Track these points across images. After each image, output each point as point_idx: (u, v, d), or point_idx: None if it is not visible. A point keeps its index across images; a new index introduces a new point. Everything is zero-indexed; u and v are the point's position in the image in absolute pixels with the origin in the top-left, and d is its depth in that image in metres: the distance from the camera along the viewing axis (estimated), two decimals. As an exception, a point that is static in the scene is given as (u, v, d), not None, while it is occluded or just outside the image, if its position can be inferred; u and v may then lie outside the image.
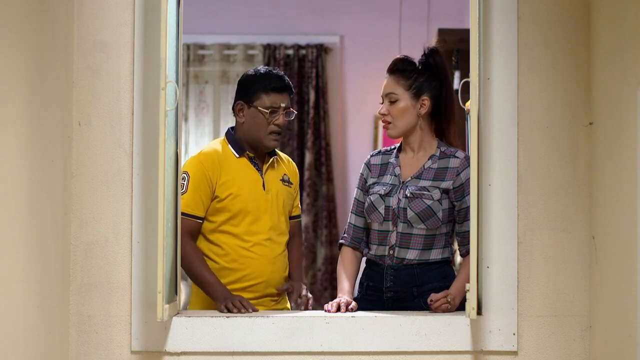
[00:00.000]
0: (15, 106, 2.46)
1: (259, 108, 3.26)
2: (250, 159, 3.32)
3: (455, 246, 3.26)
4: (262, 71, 3.33)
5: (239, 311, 3.01)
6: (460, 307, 2.98)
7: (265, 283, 3.28)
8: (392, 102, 3.15)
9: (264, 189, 3.30)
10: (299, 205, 3.51)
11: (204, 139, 6.49)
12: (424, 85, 3.16)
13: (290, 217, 3.44)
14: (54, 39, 2.77)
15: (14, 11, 2.44)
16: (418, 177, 3.16)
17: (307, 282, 6.18)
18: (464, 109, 3.64)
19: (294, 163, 3.52)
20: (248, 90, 3.30)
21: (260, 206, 3.28)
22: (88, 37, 2.92)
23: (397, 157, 3.22)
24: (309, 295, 3.30)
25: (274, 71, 3.34)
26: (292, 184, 3.41)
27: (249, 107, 3.29)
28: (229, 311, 3.01)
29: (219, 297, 3.12)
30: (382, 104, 3.18)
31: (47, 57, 2.71)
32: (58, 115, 2.81)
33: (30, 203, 2.56)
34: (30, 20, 2.56)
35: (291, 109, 3.33)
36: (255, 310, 3.05)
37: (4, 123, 2.38)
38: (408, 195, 3.12)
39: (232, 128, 3.39)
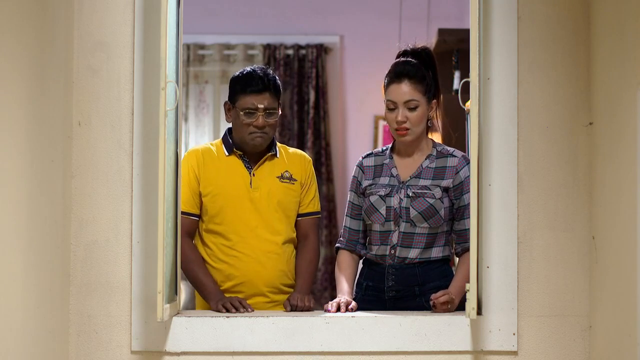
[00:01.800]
0: (15, 106, 2.46)
1: (238, 109, 3.26)
2: (241, 157, 3.31)
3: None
4: (245, 72, 3.29)
5: (237, 310, 3.00)
6: (460, 307, 2.98)
7: (250, 282, 3.24)
8: (412, 109, 3.12)
9: (251, 186, 3.28)
10: (313, 202, 3.40)
11: (204, 139, 6.49)
12: (431, 88, 3.16)
13: (303, 215, 3.37)
14: (54, 39, 2.77)
15: (14, 11, 2.44)
16: (417, 176, 3.16)
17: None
18: (464, 109, 3.64)
19: (305, 158, 3.41)
20: (231, 91, 3.31)
21: (244, 204, 3.26)
22: (88, 37, 2.93)
23: (391, 157, 3.22)
24: (307, 303, 3.14)
25: (258, 71, 3.28)
26: (295, 180, 3.34)
27: (233, 107, 3.29)
28: (227, 310, 3.01)
29: (211, 299, 3.12)
30: (390, 109, 3.13)
31: (47, 57, 2.71)
32: (58, 115, 2.82)
33: (30, 203, 2.56)
34: (30, 20, 2.56)
35: (275, 109, 3.26)
36: (252, 310, 3.05)
37: (4, 123, 2.38)
38: (410, 194, 3.12)
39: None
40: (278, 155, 3.36)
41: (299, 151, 3.44)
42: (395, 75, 3.15)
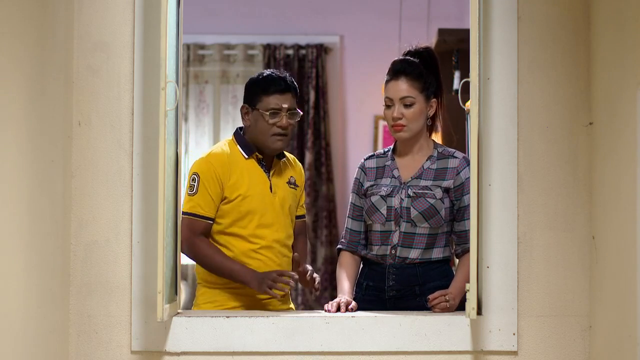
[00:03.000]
0: (15, 106, 2.46)
1: (261, 110, 3.26)
2: (259, 161, 3.30)
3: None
4: (265, 74, 3.32)
5: (282, 289, 3.09)
6: (460, 306, 2.98)
7: None
8: (407, 106, 3.13)
9: (271, 191, 3.29)
10: (304, 205, 3.51)
11: (204, 139, 6.49)
12: (431, 87, 3.17)
13: (296, 217, 3.44)
14: (54, 39, 2.77)
15: (14, 11, 2.44)
16: (419, 177, 3.16)
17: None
18: (464, 109, 3.64)
19: (300, 163, 3.51)
20: (251, 93, 3.30)
21: (268, 208, 3.27)
22: (88, 37, 2.92)
23: (392, 159, 3.22)
24: (315, 275, 3.28)
25: (277, 73, 3.31)
26: (297, 186, 3.39)
27: (253, 110, 3.28)
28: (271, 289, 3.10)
29: (251, 281, 3.14)
30: (388, 106, 3.15)
31: (47, 57, 2.71)
32: (58, 115, 2.82)
33: (30, 203, 2.56)
34: (31, 20, 2.57)
35: (297, 109, 3.30)
36: (294, 277, 3.14)
37: (4, 123, 2.38)
38: (411, 194, 3.13)
39: (240, 128, 3.38)
40: (285, 161, 3.39)
41: (293, 157, 3.51)
42: (393, 72, 3.17)
